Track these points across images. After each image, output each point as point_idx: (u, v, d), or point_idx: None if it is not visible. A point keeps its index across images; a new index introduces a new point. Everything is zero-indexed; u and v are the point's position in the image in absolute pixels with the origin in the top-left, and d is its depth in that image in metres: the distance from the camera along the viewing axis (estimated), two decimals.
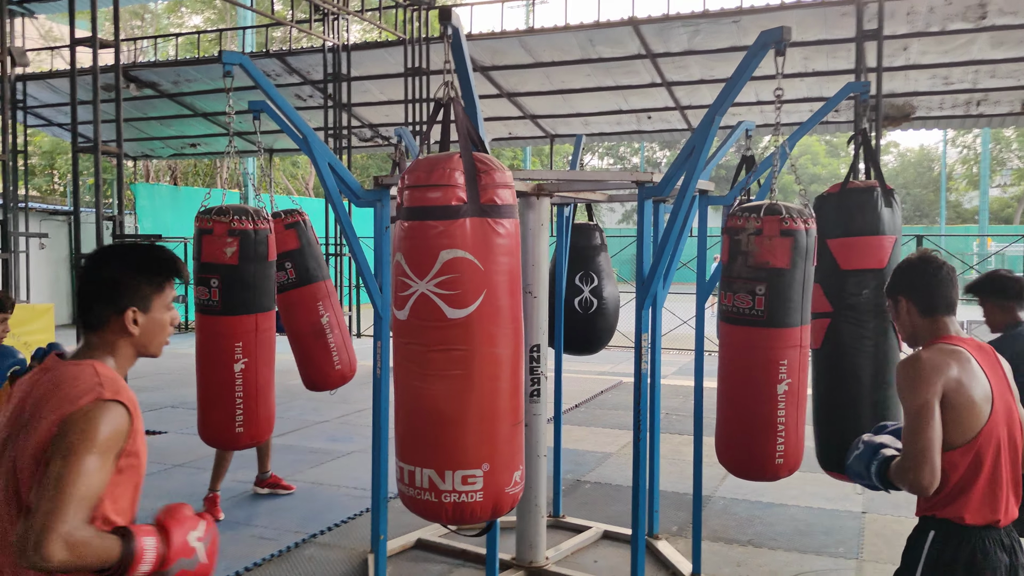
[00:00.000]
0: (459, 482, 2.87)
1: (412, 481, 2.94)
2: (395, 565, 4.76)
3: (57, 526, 1.64)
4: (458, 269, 2.84)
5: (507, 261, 2.94)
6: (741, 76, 3.49)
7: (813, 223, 3.78)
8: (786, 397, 3.73)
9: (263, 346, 4.96)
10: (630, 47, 11.97)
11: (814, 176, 41.60)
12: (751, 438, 3.85)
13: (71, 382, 1.81)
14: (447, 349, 2.85)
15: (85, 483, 1.71)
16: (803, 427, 3.92)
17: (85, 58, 10.37)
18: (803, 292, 3.73)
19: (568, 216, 5.70)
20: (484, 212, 2.88)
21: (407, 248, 2.93)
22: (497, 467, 2.92)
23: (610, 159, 47.05)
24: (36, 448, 1.77)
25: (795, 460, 3.88)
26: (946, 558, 2.43)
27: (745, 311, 3.77)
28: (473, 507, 2.90)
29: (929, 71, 11.83)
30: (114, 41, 8.22)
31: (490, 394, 2.91)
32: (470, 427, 2.89)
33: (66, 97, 14.72)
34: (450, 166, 2.87)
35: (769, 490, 6.24)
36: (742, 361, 3.87)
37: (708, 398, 4.84)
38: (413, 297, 2.89)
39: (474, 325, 2.86)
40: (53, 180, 26.67)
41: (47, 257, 18.53)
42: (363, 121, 15.58)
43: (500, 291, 2.91)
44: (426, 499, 2.91)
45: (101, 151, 7.83)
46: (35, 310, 8.59)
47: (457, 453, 2.88)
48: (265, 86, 4.23)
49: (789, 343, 3.73)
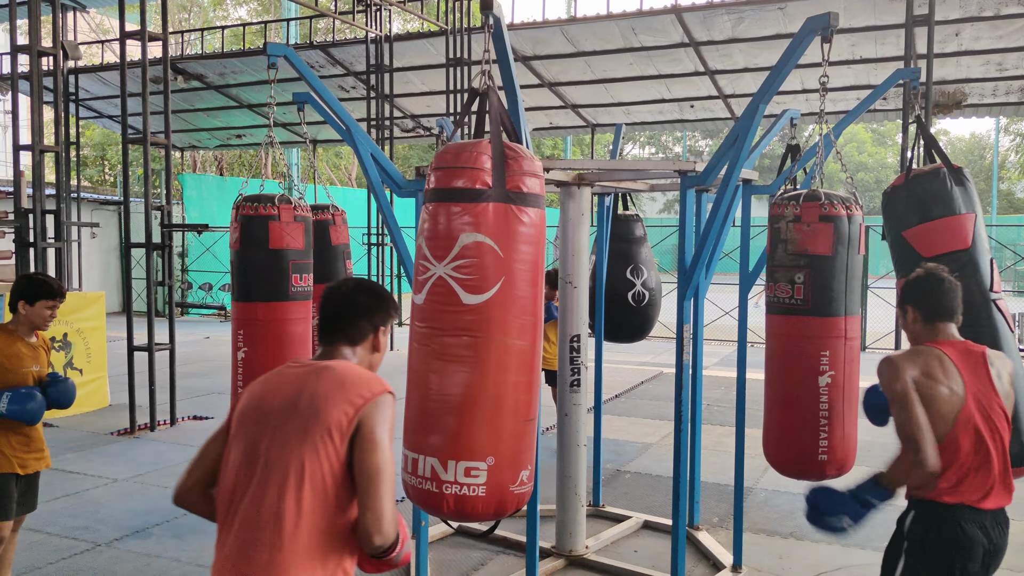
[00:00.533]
0: (462, 473, 2.78)
1: (415, 469, 2.86)
2: (436, 551, 4.81)
3: (389, 510, 1.94)
4: (477, 254, 2.79)
5: (530, 250, 2.87)
6: (787, 63, 3.44)
7: (859, 210, 3.67)
8: (829, 390, 3.60)
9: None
10: (673, 35, 11.85)
11: (860, 164, 40.83)
12: (794, 434, 3.73)
13: (356, 378, 2.08)
14: (460, 335, 2.80)
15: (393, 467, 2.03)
16: (851, 424, 3.72)
17: (134, 51, 10.58)
18: (847, 281, 3.61)
19: (608, 206, 5.69)
20: (509, 198, 2.83)
21: (429, 230, 2.89)
22: (502, 462, 2.82)
23: (652, 148, 46.68)
24: (328, 430, 2.00)
25: (843, 458, 3.69)
26: (930, 536, 2.75)
27: (785, 300, 3.67)
28: (475, 502, 2.80)
29: (982, 57, 11.53)
30: (162, 34, 8.36)
31: (501, 385, 2.83)
32: (477, 417, 2.80)
33: (116, 90, 15.04)
34: (478, 150, 2.84)
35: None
36: (783, 352, 3.78)
37: (750, 389, 4.81)
38: (431, 280, 2.85)
39: (490, 312, 2.80)
40: (104, 171, 27.26)
41: (98, 246, 18.97)
42: (405, 112, 15.66)
43: (520, 280, 2.84)
44: (427, 489, 2.83)
45: (150, 142, 7.98)
46: (87, 298, 8.80)
47: (462, 443, 2.80)
48: (309, 77, 4.28)
49: (832, 333, 3.61)
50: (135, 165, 21.79)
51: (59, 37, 8.93)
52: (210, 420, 8.27)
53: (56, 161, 9.64)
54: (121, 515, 5.50)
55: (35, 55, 8.29)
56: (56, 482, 6.17)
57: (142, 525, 5.31)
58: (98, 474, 6.44)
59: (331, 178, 29.06)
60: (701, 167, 3.96)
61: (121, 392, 9.01)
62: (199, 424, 8.13)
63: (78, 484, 6.17)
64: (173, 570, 4.61)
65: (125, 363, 8.04)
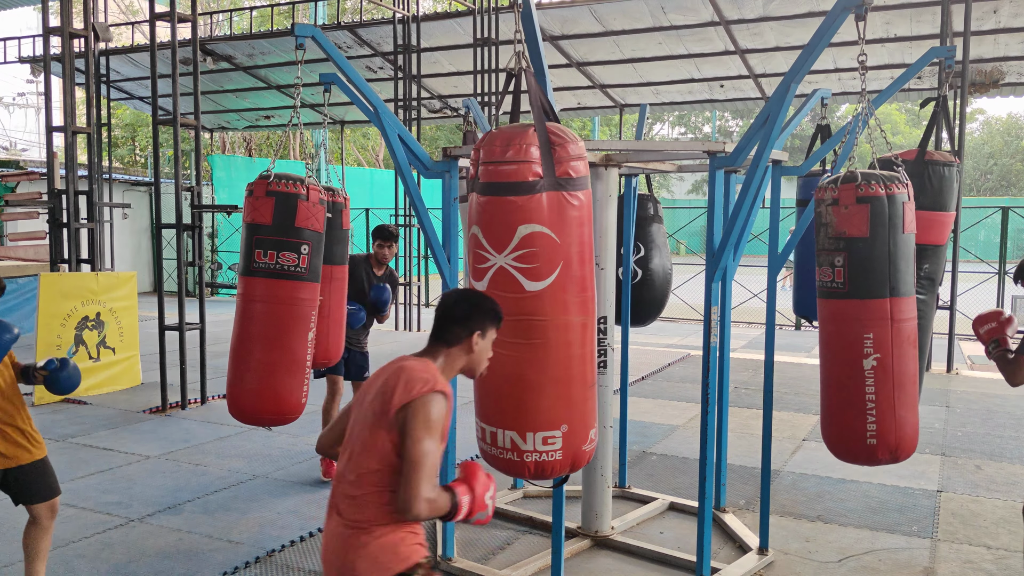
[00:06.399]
0: (540, 443, 3.02)
1: (495, 442, 3.10)
2: (463, 530, 4.85)
3: (421, 492, 2.25)
4: (536, 243, 2.93)
5: (581, 232, 3.02)
6: (820, 41, 3.38)
7: (902, 188, 3.53)
8: (875, 373, 3.53)
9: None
10: (703, 14, 11.69)
11: (894, 145, 40.19)
12: (841, 416, 3.68)
13: (416, 377, 2.39)
14: (525, 319, 2.96)
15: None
16: (904, 408, 3.60)
17: (164, 32, 10.64)
18: (889, 262, 3.50)
19: (635, 187, 5.64)
20: (560, 186, 2.95)
21: (485, 223, 3.01)
22: (575, 427, 3.06)
23: (681, 128, 46.27)
24: (389, 416, 2.34)
25: (895, 442, 3.59)
26: None
27: (828, 284, 3.63)
28: (553, 465, 3.06)
29: (1021, 35, 11.25)
30: (191, 15, 8.40)
31: (566, 360, 3.02)
32: (548, 391, 3.01)
33: (146, 71, 15.14)
34: (526, 141, 2.92)
35: (840, 466, 6.13)
36: (828, 335, 3.72)
37: (778, 372, 4.78)
38: (492, 270, 3.00)
39: (551, 296, 2.97)
40: (135, 152, 27.54)
41: (129, 227, 19.22)
42: (432, 92, 15.62)
43: (575, 262, 3.01)
44: (508, 458, 3.08)
45: (180, 123, 8.04)
46: (119, 278, 8.92)
47: (538, 416, 3.02)
48: (336, 58, 4.27)
49: (875, 315, 3.52)
50: (165, 146, 21.99)
51: (90, 19, 9.00)
52: None
53: (88, 142, 9.75)
54: (153, 491, 5.60)
55: (67, 37, 8.38)
56: (90, 458, 6.29)
57: (173, 501, 5.41)
58: (130, 451, 6.55)
59: (358, 159, 29.13)
60: (730, 148, 3.92)
61: (153, 371, 9.15)
62: (222, 403, 8.23)
63: (111, 460, 6.28)
64: (204, 546, 4.69)
65: (156, 342, 8.15)
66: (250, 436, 6.98)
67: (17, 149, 31.10)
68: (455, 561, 4.40)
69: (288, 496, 5.54)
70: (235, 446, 6.71)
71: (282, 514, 5.20)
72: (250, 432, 7.07)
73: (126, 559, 4.51)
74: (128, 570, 4.37)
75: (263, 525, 5.02)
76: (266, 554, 4.59)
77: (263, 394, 4.34)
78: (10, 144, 32.05)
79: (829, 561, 4.53)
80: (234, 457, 6.42)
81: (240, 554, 4.58)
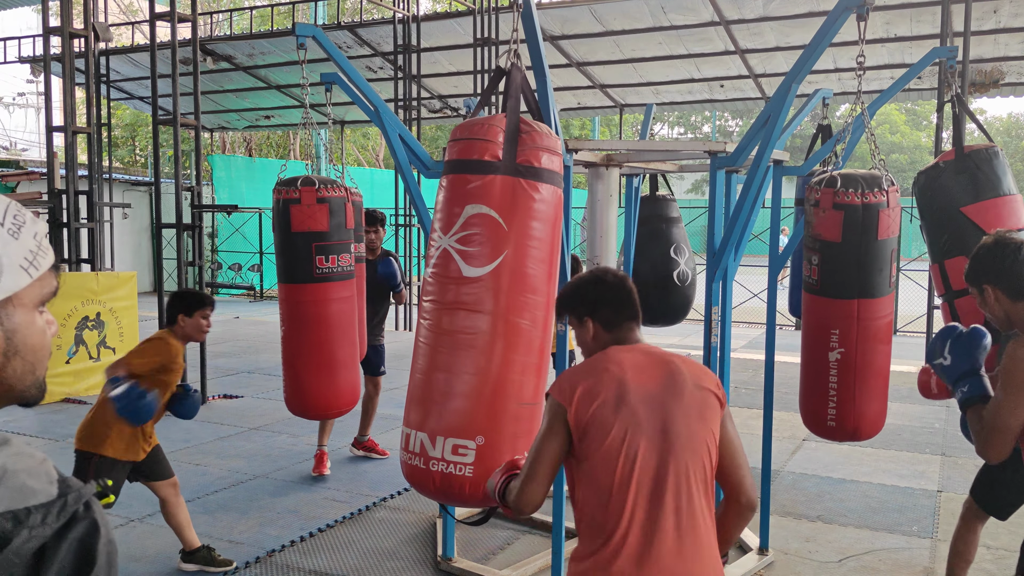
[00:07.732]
0: (449, 451, 2.66)
1: (407, 444, 2.78)
2: (463, 530, 4.85)
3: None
4: (479, 225, 2.73)
5: (540, 228, 2.78)
6: (821, 41, 3.39)
7: (882, 195, 3.57)
8: (838, 365, 3.74)
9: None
10: (703, 14, 11.70)
11: (894, 145, 40.22)
12: (808, 400, 3.96)
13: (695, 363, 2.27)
14: (461, 308, 2.74)
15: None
16: (867, 398, 3.78)
17: (164, 32, 10.64)
18: (859, 267, 3.62)
19: (637, 187, 5.64)
20: (519, 172, 2.76)
21: (440, 203, 2.88)
22: (494, 444, 2.67)
23: (680, 128, 46.28)
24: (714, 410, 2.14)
25: (854, 428, 3.84)
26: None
27: (806, 279, 3.84)
28: (462, 482, 2.66)
29: (1021, 35, 11.26)
30: (191, 15, 8.40)
31: (501, 364, 2.71)
32: (470, 393, 2.69)
33: (146, 71, 15.14)
34: (492, 123, 2.82)
35: (840, 466, 6.13)
36: (804, 326, 3.97)
37: (778, 372, 4.78)
38: (437, 253, 2.81)
39: (491, 287, 2.71)
40: (135, 152, 27.55)
41: (130, 226, 19.21)
42: (432, 92, 15.62)
43: (526, 257, 2.75)
44: (416, 464, 2.73)
45: (180, 123, 8.04)
46: (119, 278, 8.92)
47: (450, 418, 2.69)
48: (337, 58, 4.28)
49: (841, 314, 3.71)
50: (165, 146, 21.99)
51: (90, 19, 9.00)
52: (240, 399, 8.37)
53: (88, 142, 9.75)
54: None
55: (67, 37, 8.38)
56: None
57: None
58: None
59: (358, 159, 29.14)
60: (731, 148, 3.92)
61: None
62: (229, 403, 8.24)
63: None
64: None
65: None
66: (250, 436, 6.98)
67: (17, 149, 31.10)
68: (455, 561, 4.39)
69: (288, 496, 5.54)
70: (235, 446, 6.71)
71: (282, 514, 5.20)
72: (250, 432, 7.07)
73: (126, 559, 4.51)
74: (128, 570, 4.37)
75: (263, 525, 5.02)
76: (266, 554, 4.59)
77: (350, 388, 4.70)
78: (10, 144, 32.04)
79: (829, 561, 4.53)
80: (234, 457, 6.42)
81: (240, 554, 4.58)
